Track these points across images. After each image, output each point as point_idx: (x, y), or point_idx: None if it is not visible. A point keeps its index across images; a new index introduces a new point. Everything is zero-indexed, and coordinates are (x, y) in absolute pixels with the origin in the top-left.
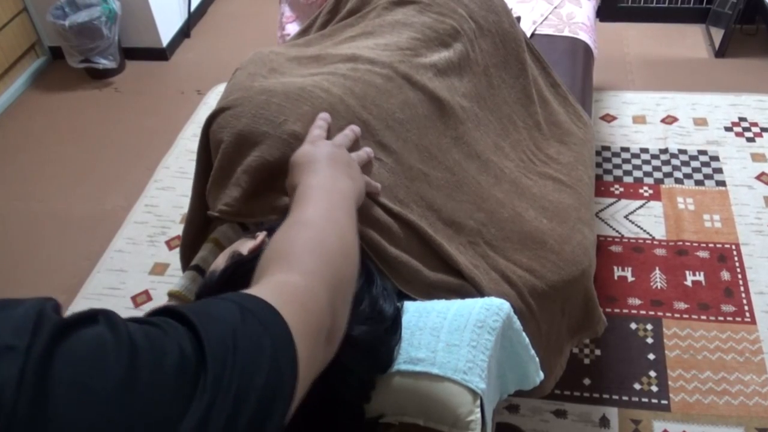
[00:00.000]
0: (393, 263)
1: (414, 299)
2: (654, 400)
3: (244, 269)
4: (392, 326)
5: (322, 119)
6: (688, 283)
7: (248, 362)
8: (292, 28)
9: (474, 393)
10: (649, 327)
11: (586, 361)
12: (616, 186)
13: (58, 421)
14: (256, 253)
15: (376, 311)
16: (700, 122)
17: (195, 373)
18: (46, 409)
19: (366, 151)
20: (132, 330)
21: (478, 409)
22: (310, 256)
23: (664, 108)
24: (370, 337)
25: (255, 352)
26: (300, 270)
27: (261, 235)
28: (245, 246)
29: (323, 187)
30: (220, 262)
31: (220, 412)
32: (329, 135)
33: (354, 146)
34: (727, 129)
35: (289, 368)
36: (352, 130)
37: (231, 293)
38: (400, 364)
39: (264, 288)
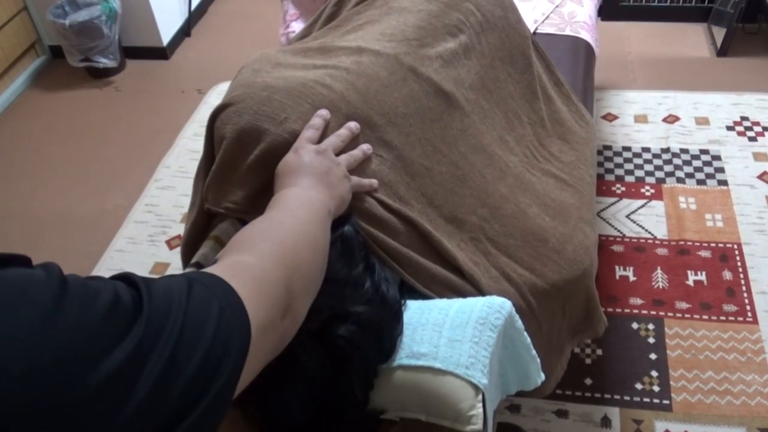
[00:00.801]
0: (394, 255)
1: (415, 293)
2: (656, 400)
3: None
4: (395, 315)
5: (320, 117)
6: (690, 282)
7: (193, 319)
8: (297, 26)
9: (476, 388)
10: (650, 327)
11: (588, 360)
12: (618, 185)
13: None
14: None
15: (379, 295)
16: (702, 121)
17: (129, 318)
18: None
19: (362, 149)
20: (68, 275)
21: (480, 404)
22: (262, 240)
23: (666, 107)
24: (376, 318)
25: (201, 311)
26: (251, 251)
27: None
28: None
29: (292, 194)
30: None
31: (157, 358)
32: (328, 132)
33: (352, 143)
34: (729, 128)
35: (239, 331)
36: (348, 129)
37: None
38: (402, 358)
39: (214, 267)
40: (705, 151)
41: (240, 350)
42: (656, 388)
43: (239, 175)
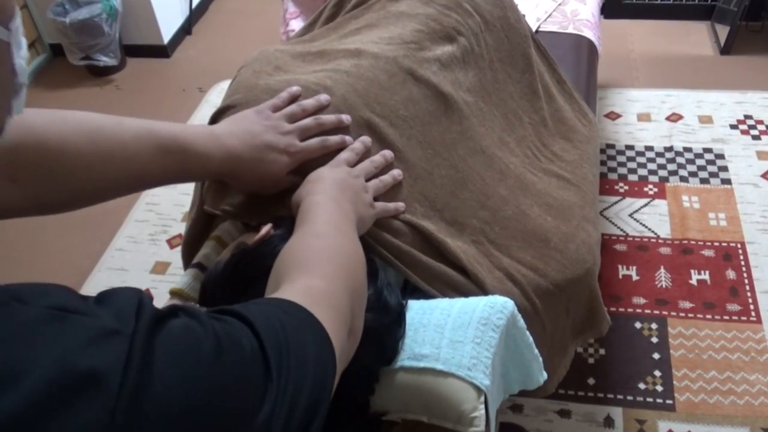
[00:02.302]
0: (395, 253)
1: (417, 293)
2: (659, 400)
3: (249, 257)
4: (397, 319)
5: (362, 143)
6: (693, 282)
7: (299, 360)
8: (296, 24)
9: (478, 389)
10: (653, 326)
11: (591, 360)
12: (621, 184)
13: (159, 400)
14: (261, 243)
15: (381, 302)
16: (706, 120)
17: (264, 368)
18: (149, 389)
19: (393, 175)
20: (212, 322)
21: (482, 406)
22: (328, 263)
23: (669, 106)
24: (376, 325)
25: (303, 352)
26: (320, 275)
27: (266, 228)
28: (251, 238)
29: (329, 204)
30: (226, 254)
31: (281, 407)
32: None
33: (365, 154)
34: (733, 127)
35: (330, 364)
36: (383, 156)
37: (262, 299)
38: (404, 360)
39: (291, 292)
40: (708, 150)
41: (330, 383)
42: (659, 388)
43: None
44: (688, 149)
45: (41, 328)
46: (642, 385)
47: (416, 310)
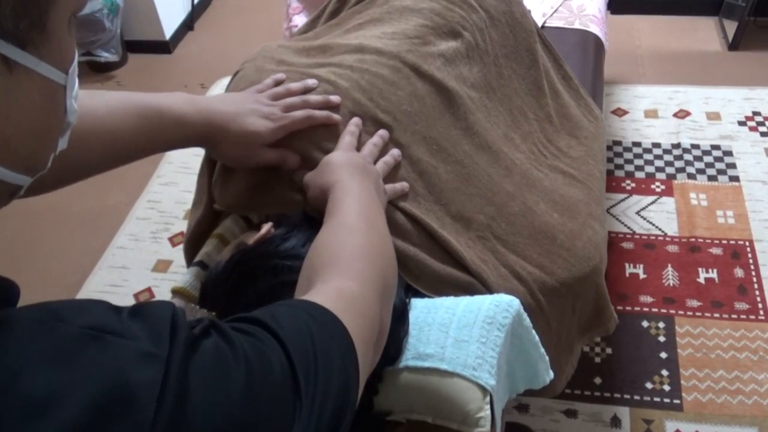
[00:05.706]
0: (401, 257)
1: (422, 295)
2: (666, 400)
3: (249, 257)
4: (400, 317)
5: (355, 125)
6: (701, 280)
7: (325, 373)
8: (299, 20)
9: (483, 389)
10: (661, 325)
11: (597, 359)
12: (628, 181)
13: (193, 428)
14: (262, 242)
15: None
16: (713, 116)
17: (293, 388)
18: (184, 415)
19: (392, 155)
20: (242, 341)
21: (488, 406)
22: (362, 264)
23: (677, 102)
24: None
25: (329, 363)
26: (354, 277)
27: (266, 226)
28: (251, 238)
29: (360, 192)
30: (226, 254)
31: (309, 423)
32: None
33: (383, 149)
34: (741, 123)
35: (354, 376)
36: (380, 137)
37: (293, 300)
38: (409, 359)
39: (323, 295)
40: (716, 147)
41: (354, 394)
42: (667, 388)
43: (245, 171)
44: (695, 146)
45: (79, 350)
46: (649, 385)
47: (420, 309)
